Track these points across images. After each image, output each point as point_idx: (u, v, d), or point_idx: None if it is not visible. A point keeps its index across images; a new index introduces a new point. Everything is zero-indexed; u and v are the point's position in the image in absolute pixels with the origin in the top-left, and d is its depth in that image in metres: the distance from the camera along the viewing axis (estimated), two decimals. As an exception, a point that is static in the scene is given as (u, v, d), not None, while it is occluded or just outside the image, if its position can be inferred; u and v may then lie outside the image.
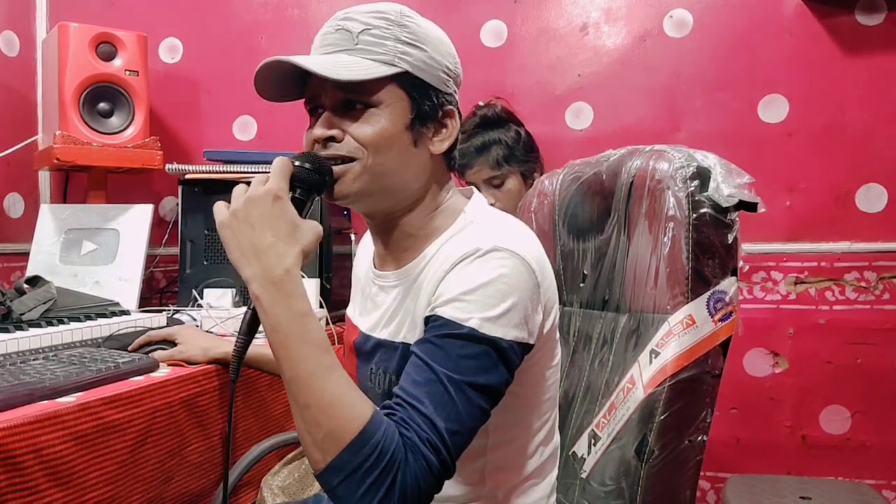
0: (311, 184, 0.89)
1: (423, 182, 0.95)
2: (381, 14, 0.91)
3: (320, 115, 0.93)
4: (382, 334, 0.99)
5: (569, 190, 1.27)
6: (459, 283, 0.84)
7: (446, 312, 0.83)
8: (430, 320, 0.85)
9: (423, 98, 0.92)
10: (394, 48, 0.90)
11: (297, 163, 0.88)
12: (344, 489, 0.76)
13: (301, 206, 0.88)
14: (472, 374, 0.81)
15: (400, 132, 0.91)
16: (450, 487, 0.92)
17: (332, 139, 0.91)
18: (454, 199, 0.99)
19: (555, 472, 1.03)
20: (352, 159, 0.90)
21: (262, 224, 0.81)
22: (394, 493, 0.75)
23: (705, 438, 0.99)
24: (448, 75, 0.94)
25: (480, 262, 0.84)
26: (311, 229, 0.84)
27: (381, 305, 1.00)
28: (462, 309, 0.83)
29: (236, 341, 0.89)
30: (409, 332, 0.92)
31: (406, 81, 0.91)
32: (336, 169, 0.91)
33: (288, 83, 0.94)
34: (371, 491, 0.75)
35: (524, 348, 0.87)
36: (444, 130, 0.95)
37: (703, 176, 1.00)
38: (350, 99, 0.90)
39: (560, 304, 1.30)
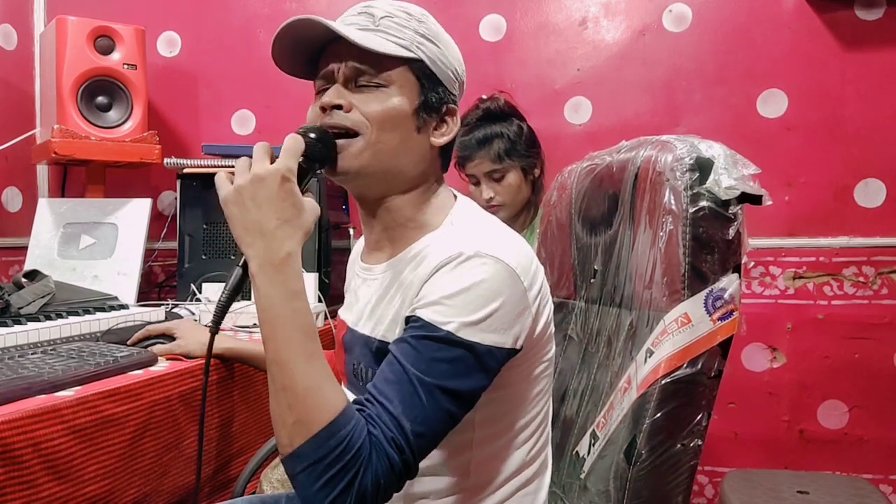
0: (315, 155, 0.89)
1: (420, 170, 0.96)
2: (403, 7, 0.95)
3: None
4: (363, 328, 0.99)
5: (584, 183, 1.24)
6: (441, 287, 0.84)
7: (426, 315, 0.83)
8: (409, 321, 0.85)
9: (432, 89, 0.94)
10: (412, 37, 0.93)
11: (301, 132, 0.89)
12: (304, 477, 0.77)
13: (303, 176, 0.88)
14: (444, 377, 0.81)
15: (406, 115, 0.93)
16: (435, 481, 0.93)
17: (339, 107, 0.91)
18: (443, 197, 0.99)
19: (547, 467, 1.02)
20: (356, 133, 0.91)
21: (268, 205, 0.81)
22: (353, 490, 0.76)
23: (700, 443, 0.93)
24: (455, 77, 0.97)
25: (463, 267, 0.84)
26: (312, 210, 0.85)
27: (362, 299, 1.01)
28: (442, 313, 0.83)
29: (220, 297, 0.89)
30: (388, 329, 0.92)
31: (419, 69, 0.93)
32: (340, 142, 0.91)
33: (301, 56, 0.96)
34: (330, 484, 0.76)
35: (507, 354, 0.86)
36: (445, 126, 0.97)
37: (703, 167, 0.95)
38: (364, 72, 0.91)
39: (574, 299, 1.29)
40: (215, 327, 0.91)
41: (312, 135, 0.89)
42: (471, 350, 0.82)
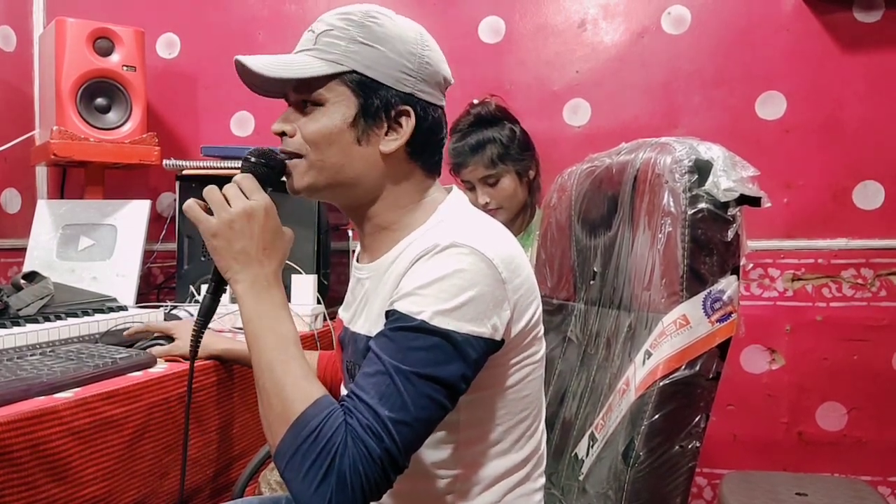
0: (263, 177, 0.96)
1: (376, 179, 0.95)
2: (346, 15, 0.94)
3: None
4: (355, 327, 1.00)
5: (584, 184, 1.24)
6: (417, 278, 0.85)
7: (402, 307, 0.84)
8: (388, 315, 0.86)
9: (370, 96, 0.92)
10: (345, 48, 0.92)
11: (252, 158, 0.97)
12: (289, 473, 0.79)
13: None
14: (421, 365, 0.81)
15: (341, 129, 0.93)
16: (423, 481, 0.93)
17: (284, 134, 0.96)
18: (432, 196, 0.99)
19: (540, 471, 1.01)
20: (300, 155, 0.95)
21: (260, 235, 0.90)
22: (331, 477, 0.76)
23: (699, 445, 0.93)
24: (407, 74, 0.93)
25: (438, 257, 0.85)
26: (290, 237, 0.95)
27: (357, 298, 1.02)
28: (416, 303, 0.83)
29: (202, 300, 1.00)
30: (374, 325, 0.92)
31: (352, 79, 0.92)
32: (290, 163, 0.96)
33: (270, 80, 0.97)
34: (310, 473, 0.77)
35: (487, 344, 0.85)
36: (397, 130, 0.94)
37: (702, 169, 0.94)
38: (301, 97, 0.95)
39: (573, 301, 1.29)
40: (193, 353, 1.01)
41: (253, 158, 0.97)
42: (447, 338, 0.82)
